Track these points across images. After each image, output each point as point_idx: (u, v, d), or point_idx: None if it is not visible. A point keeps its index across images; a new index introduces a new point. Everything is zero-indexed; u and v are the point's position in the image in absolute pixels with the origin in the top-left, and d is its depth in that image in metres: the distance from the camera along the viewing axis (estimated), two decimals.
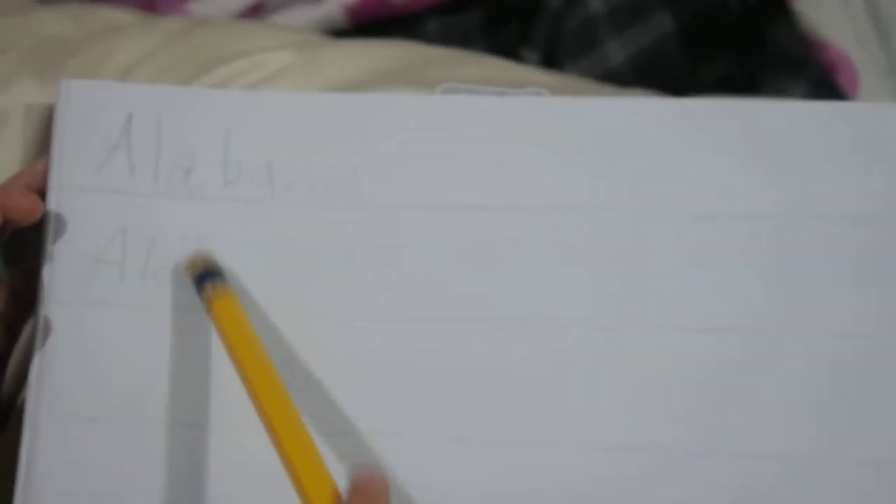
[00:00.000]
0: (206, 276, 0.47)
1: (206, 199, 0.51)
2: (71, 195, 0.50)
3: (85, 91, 0.52)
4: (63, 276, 0.49)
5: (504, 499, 0.48)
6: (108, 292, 0.49)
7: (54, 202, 0.50)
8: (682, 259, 0.50)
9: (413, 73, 0.57)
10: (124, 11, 0.61)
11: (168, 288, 0.49)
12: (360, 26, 0.68)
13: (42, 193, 0.49)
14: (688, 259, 0.50)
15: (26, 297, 0.48)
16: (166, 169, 0.51)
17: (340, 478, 0.40)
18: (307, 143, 0.51)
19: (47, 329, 0.48)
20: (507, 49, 0.66)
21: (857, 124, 0.51)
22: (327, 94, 0.53)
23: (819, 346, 0.49)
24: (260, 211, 0.50)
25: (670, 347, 0.49)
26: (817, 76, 0.60)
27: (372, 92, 0.55)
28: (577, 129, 0.51)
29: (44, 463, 0.47)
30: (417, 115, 0.52)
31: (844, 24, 0.62)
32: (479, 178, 0.51)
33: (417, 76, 0.56)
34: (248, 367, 0.44)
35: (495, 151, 0.51)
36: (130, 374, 0.48)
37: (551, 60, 0.65)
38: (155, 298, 0.49)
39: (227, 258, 0.49)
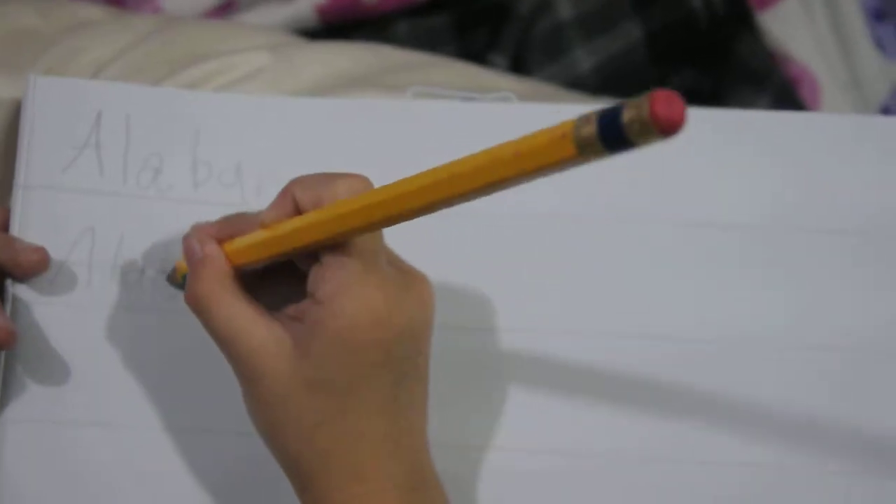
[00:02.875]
0: None
1: (175, 200, 0.50)
2: (37, 194, 0.50)
3: (53, 88, 0.51)
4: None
5: None
6: (75, 293, 0.49)
7: (21, 201, 0.49)
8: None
9: (384, 77, 0.57)
10: (94, 7, 0.61)
11: (136, 288, 0.49)
12: (331, 26, 0.68)
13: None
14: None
15: None
16: (135, 168, 0.51)
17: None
18: (277, 147, 0.51)
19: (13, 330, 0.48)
20: (476, 53, 0.67)
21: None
22: (298, 98, 0.53)
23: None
24: (230, 212, 0.50)
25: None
26: (780, 89, 0.61)
27: (344, 95, 0.55)
28: None
29: (9, 465, 0.47)
30: (388, 119, 0.52)
31: (807, 38, 0.64)
32: None
33: (389, 80, 0.57)
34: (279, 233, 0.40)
35: (464, 154, 0.51)
36: (99, 375, 0.48)
37: (519, 66, 0.66)
38: (123, 299, 0.49)
39: None
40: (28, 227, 0.49)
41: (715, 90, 0.63)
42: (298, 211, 0.40)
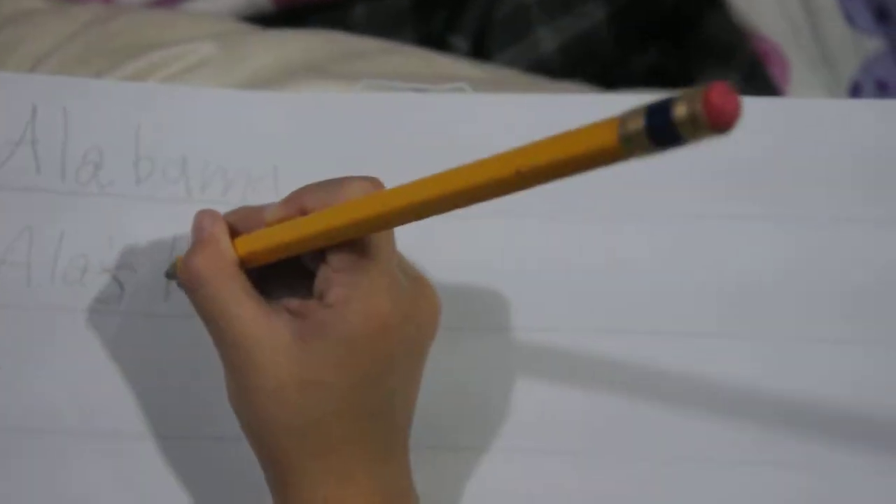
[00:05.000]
0: None
1: (117, 196, 0.49)
2: None
3: None
4: None
5: None
6: (14, 295, 0.47)
7: None
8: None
9: (336, 66, 0.55)
10: None
11: (79, 288, 0.47)
12: (287, 11, 0.66)
13: None
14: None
15: None
16: (74, 164, 0.49)
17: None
18: (223, 140, 0.50)
19: None
20: (436, 36, 0.65)
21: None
22: (244, 91, 0.52)
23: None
24: (174, 208, 0.48)
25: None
26: (749, 67, 0.60)
27: (294, 85, 0.53)
28: (500, 125, 0.50)
29: None
30: (338, 112, 0.50)
31: (777, 15, 0.62)
32: (403, 177, 0.49)
33: (341, 69, 0.55)
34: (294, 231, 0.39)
35: (415, 148, 0.49)
36: (49, 380, 0.46)
37: (480, 48, 0.64)
38: (65, 300, 0.47)
39: (141, 257, 0.48)
40: None
41: (682, 68, 0.61)
42: (304, 214, 0.38)
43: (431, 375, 0.41)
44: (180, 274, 0.40)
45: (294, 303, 0.38)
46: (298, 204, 0.39)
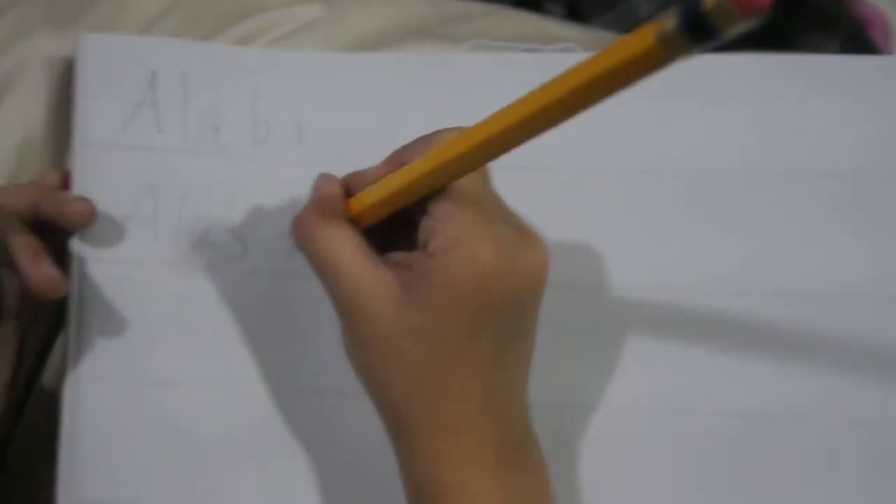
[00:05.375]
0: None
1: (235, 158, 0.49)
2: (97, 153, 0.49)
3: (105, 46, 0.50)
4: (95, 235, 0.48)
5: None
6: (140, 251, 0.48)
7: (81, 161, 0.48)
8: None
9: (440, 29, 0.55)
10: None
11: (204, 245, 0.48)
12: None
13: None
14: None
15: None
16: (194, 126, 0.50)
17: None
18: (337, 104, 0.50)
19: (83, 291, 0.47)
20: (531, 2, 0.64)
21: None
22: (356, 54, 0.52)
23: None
24: (291, 171, 0.49)
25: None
26: (851, 31, 0.59)
27: (400, 47, 0.54)
28: None
29: (87, 422, 0.46)
30: (449, 72, 0.51)
31: None
32: None
33: (445, 31, 0.55)
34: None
35: None
36: (167, 333, 0.47)
37: (575, 13, 0.64)
38: (191, 256, 0.48)
39: (262, 217, 0.49)
40: (90, 186, 0.48)
41: (781, 35, 0.61)
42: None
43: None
44: (296, 228, 0.41)
45: (399, 255, 0.40)
46: (398, 159, 0.40)
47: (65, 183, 0.48)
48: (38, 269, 0.43)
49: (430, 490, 0.39)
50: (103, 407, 0.46)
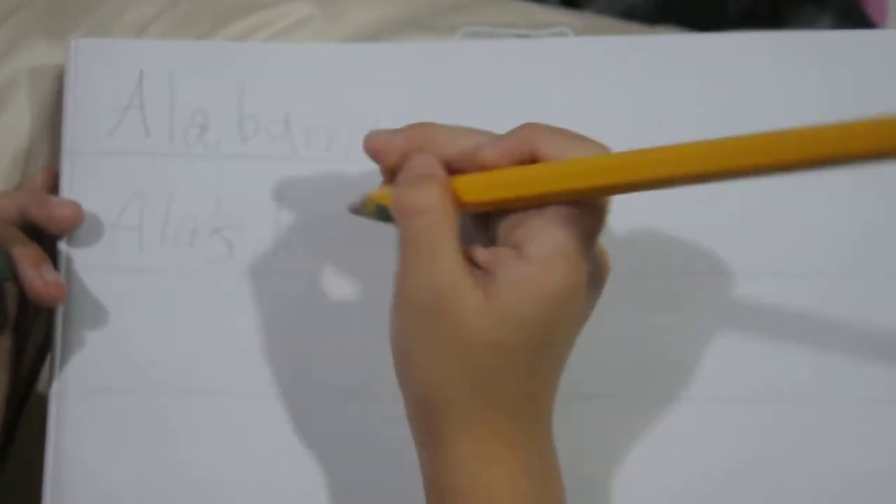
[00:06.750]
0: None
1: (223, 157, 0.49)
2: (85, 160, 0.49)
3: (94, 50, 0.50)
4: (81, 244, 0.48)
5: None
6: (127, 257, 0.48)
7: (69, 168, 0.48)
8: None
9: (433, 20, 0.55)
10: None
11: (189, 249, 0.48)
12: None
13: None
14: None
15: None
16: (181, 127, 0.49)
17: None
18: (325, 95, 0.50)
19: (69, 298, 0.47)
20: None
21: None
22: (344, 44, 0.52)
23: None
24: (279, 166, 0.49)
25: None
26: (844, 4, 0.58)
27: (393, 39, 0.54)
28: (604, 69, 0.49)
29: (70, 434, 0.46)
30: (440, 62, 0.50)
31: None
32: (505, 124, 0.49)
33: (438, 22, 0.55)
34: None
35: (521, 96, 0.49)
36: (156, 339, 0.47)
37: (569, 1, 0.63)
38: (176, 262, 0.48)
39: (248, 215, 0.48)
40: (77, 193, 0.48)
41: (775, 11, 0.61)
42: (533, 160, 0.36)
43: None
44: (399, 197, 0.37)
45: (483, 253, 0.37)
46: (530, 146, 0.37)
47: (52, 183, 0.49)
48: (40, 276, 0.44)
49: (457, 492, 0.37)
50: (87, 417, 0.46)
